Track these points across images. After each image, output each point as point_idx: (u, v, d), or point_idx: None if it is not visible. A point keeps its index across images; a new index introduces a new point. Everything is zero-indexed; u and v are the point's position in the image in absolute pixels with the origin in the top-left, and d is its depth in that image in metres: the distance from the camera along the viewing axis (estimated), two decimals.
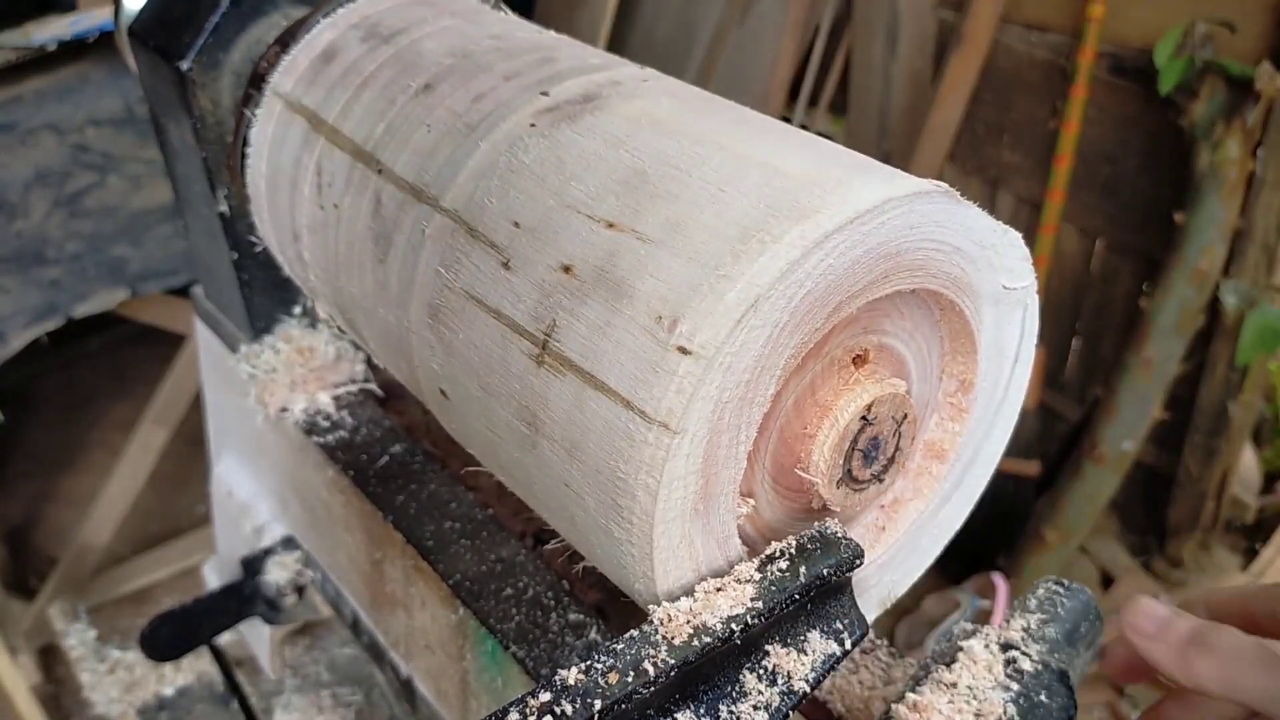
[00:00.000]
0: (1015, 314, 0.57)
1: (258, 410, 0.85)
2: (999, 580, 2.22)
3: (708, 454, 0.47)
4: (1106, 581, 2.44)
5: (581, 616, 0.65)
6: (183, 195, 0.87)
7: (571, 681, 0.43)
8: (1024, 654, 0.51)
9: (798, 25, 2.54)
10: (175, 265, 1.84)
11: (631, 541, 0.49)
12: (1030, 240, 0.55)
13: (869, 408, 0.53)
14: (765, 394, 0.47)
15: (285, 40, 0.76)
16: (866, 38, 2.52)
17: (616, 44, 2.63)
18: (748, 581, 0.48)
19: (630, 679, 0.43)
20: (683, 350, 0.45)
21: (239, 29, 0.77)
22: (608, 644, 0.45)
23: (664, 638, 0.46)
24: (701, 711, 0.46)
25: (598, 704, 0.42)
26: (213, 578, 1.17)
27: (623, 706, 0.43)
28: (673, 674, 0.44)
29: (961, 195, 0.50)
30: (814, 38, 2.61)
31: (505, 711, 0.42)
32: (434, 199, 0.60)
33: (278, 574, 0.94)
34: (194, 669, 1.24)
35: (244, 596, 0.96)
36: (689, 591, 0.49)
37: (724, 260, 0.46)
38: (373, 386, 0.88)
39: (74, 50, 1.64)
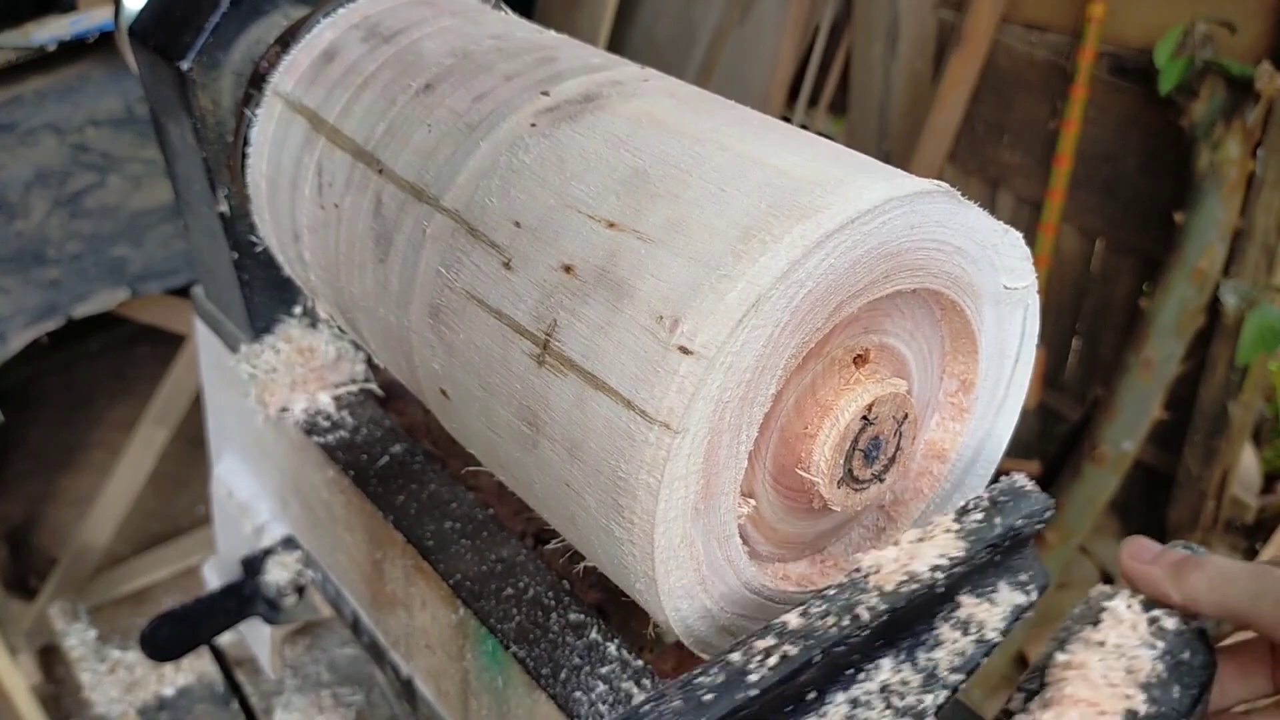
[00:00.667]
0: (1016, 314, 0.57)
1: (258, 410, 0.85)
2: None
3: (709, 454, 0.47)
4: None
5: (582, 616, 0.65)
6: (183, 195, 0.87)
7: (793, 626, 0.44)
8: (1168, 613, 0.52)
9: (798, 25, 2.54)
10: (175, 265, 1.84)
11: (633, 541, 0.49)
12: (1030, 240, 0.55)
13: (870, 407, 0.53)
14: (766, 394, 0.47)
15: (286, 40, 0.76)
16: (866, 37, 2.52)
17: (616, 44, 2.63)
18: (947, 532, 0.49)
19: (846, 624, 0.44)
20: (684, 350, 0.45)
21: (239, 29, 0.77)
22: (822, 590, 0.47)
23: (875, 585, 0.47)
24: (901, 658, 0.47)
25: (818, 648, 0.44)
26: (213, 578, 1.17)
27: (838, 649, 0.44)
28: (883, 619, 0.45)
29: (962, 195, 0.50)
30: (814, 38, 2.61)
31: (723, 658, 0.43)
32: (434, 199, 0.60)
33: (278, 574, 0.94)
34: (194, 669, 1.24)
35: (244, 596, 0.96)
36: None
37: (725, 260, 0.46)
38: (373, 386, 0.88)
39: (74, 50, 1.64)
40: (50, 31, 1.59)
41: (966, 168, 2.49)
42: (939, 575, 0.47)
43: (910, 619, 0.48)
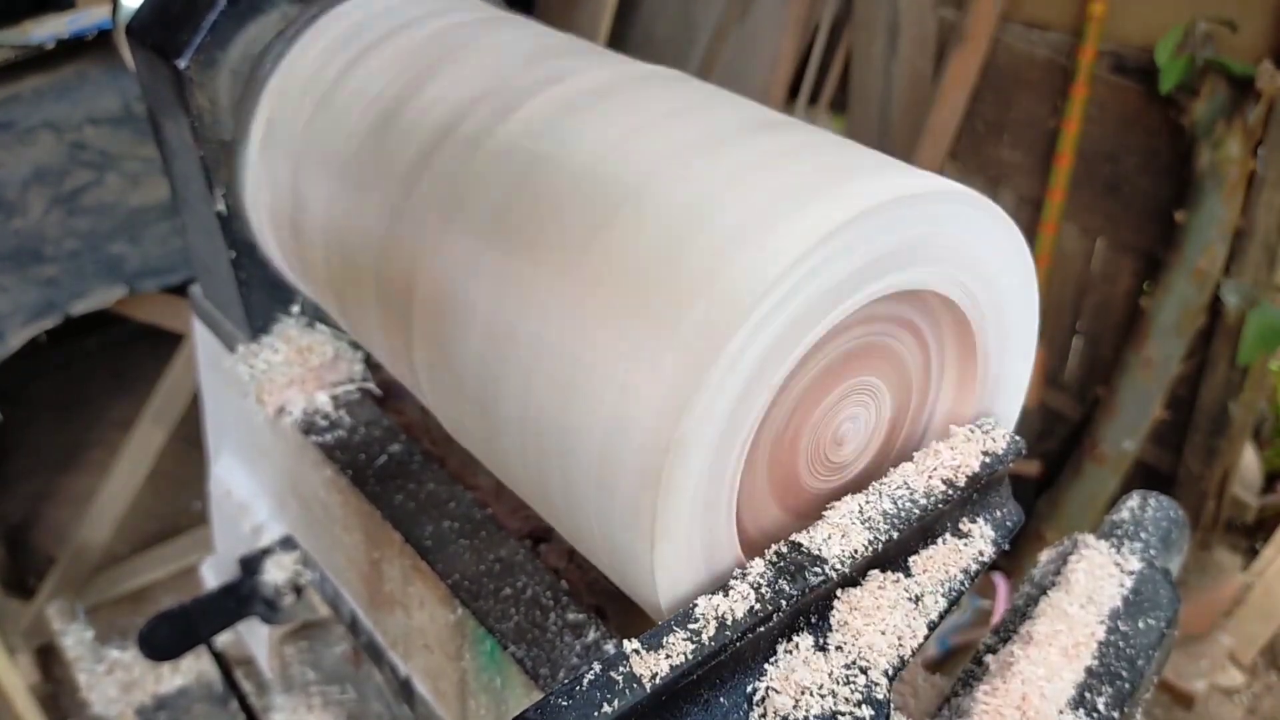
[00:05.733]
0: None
1: (256, 410, 0.85)
2: (999, 580, 2.21)
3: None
4: None
5: (580, 616, 0.65)
6: (181, 193, 0.87)
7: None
8: (1132, 552, 0.56)
9: (798, 23, 2.54)
10: (173, 263, 1.84)
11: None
12: (1031, 239, 0.55)
13: (854, 407, 0.52)
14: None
15: (285, 39, 0.75)
16: (867, 36, 2.51)
17: (616, 42, 2.62)
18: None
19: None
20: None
21: (237, 27, 0.77)
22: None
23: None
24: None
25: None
26: (211, 577, 1.16)
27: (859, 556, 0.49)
28: (901, 531, 0.50)
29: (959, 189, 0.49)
30: (814, 36, 2.61)
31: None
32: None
33: (276, 574, 0.94)
34: (192, 669, 1.23)
35: (242, 596, 0.95)
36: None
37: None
38: (371, 386, 0.87)
39: (72, 48, 1.63)
40: (48, 29, 1.59)
41: (967, 166, 2.49)
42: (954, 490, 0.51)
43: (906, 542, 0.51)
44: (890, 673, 0.46)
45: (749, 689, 0.46)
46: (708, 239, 0.47)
